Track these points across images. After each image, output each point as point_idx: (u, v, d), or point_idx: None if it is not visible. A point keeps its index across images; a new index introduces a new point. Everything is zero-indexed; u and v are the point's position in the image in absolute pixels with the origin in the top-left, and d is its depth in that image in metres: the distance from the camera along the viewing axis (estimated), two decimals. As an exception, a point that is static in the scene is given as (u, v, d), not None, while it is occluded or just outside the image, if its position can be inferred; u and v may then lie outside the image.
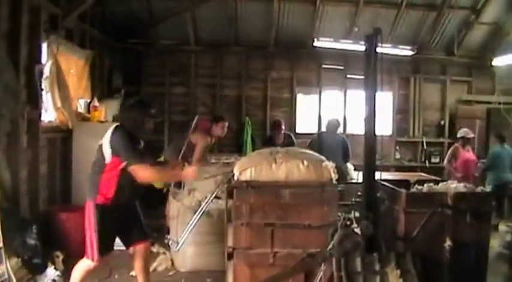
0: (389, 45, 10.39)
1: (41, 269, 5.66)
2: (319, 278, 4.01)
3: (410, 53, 11.13)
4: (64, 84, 7.19)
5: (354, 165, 9.02)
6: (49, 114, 7.19)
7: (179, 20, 10.79)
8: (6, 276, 4.62)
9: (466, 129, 9.04)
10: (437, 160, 11.74)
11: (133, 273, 5.83)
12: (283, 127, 9.14)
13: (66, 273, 5.82)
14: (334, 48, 10.89)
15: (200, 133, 7.50)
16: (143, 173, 4.47)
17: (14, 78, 5.85)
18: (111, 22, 10.14)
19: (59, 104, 7.01)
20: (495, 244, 6.32)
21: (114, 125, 4.68)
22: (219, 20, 10.93)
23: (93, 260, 4.54)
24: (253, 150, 9.59)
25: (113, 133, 4.54)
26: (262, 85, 11.68)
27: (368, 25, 9.99)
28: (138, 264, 4.97)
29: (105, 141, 4.55)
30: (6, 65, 5.71)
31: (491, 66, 11.40)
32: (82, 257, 4.90)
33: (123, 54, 10.94)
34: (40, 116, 6.71)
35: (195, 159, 6.99)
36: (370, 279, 3.93)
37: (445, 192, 4.23)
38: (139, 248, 4.91)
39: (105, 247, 4.60)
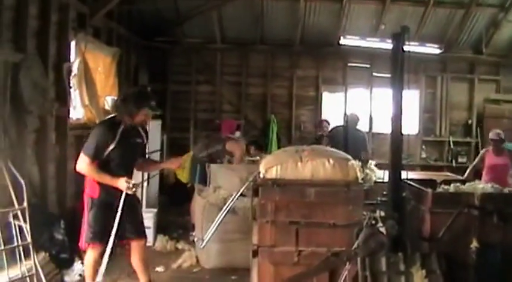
0: (416, 44, 10.32)
1: (68, 264, 5.74)
2: (343, 277, 4.00)
3: (437, 51, 11.05)
4: (91, 82, 7.29)
5: (379, 164, 8.87)
6: (77, 112, 7.28)
7: (205, 18, 10.86)
8: (34, 270, 4.69)
9: (497, 131, 8.12)
10: (464, 160, 11.60)
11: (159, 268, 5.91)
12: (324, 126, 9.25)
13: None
14: (360, 46, 10.87)
15: (236, 142, 7.77)
16: (81, 163, 4.56)
17: (43, 76, 5.93)
18: (138, 20, 10.25)
19: (86, 101, 7.10)
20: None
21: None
22: (245, 18, 10.98)
23: (81, 246, 4.71)
24: (279, 148, 9.57)
25: (96, 126, 4.83)
26: (287, 83, 11.70)
27: (395, 23, 9.94)
28: (135, 262, 4.93)
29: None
30: (36, 62, 5.80)
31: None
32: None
33: (150, 52, 11.05)
34: (68, 113, 6.81)
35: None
36: (395, 279, 3.91)
37: (472, 192, 4.18)
38: (133, 246, 4.89)
39: (95, 235, 4.58)
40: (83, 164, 4.54)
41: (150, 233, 6.52)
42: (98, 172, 4.56)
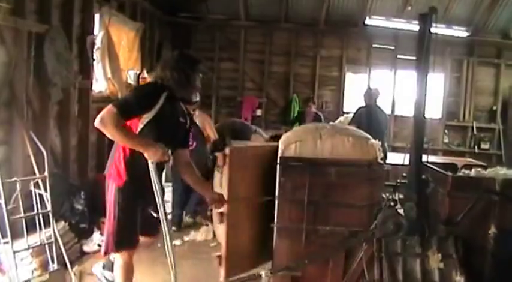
0: (443, 26, 10.16)
1: (87, 234, 5.83)
2: (359, 257, 4.01)
3: (465, 34, 10.87)
4: (114, 55, 7.32)
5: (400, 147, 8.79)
6: (99, 85, 7.31)
7: (230, -5, 10.81)
8: (53, 238, 4.76)
9: None
10: (487, 146, 11.48)
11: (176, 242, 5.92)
12: (312, 105, 9.16)
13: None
14: (386, 27, 10.74)
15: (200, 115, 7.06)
16: (105, 115, 3.38)
17: (67, 48, 5.96)
18: (163, -5, 10.22)
19: (109, 75, 7.14)
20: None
21: None
22: (269, -5, 10.90)
23: (106, 253, 3.92)
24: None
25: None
26: (311, 63, 11.64)
27: (422, 4, 9.78)
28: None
29: None
30: (60, 34, 5.82)
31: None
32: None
33: (173, 27, 11.06)
34: (91, 85, 6.86)
35: None
36: (410, 262, 3.91)
37: (493, 177, 4.13)
38: (148, 241, 4.21)
39: (126, 239, 3.82)
40: (107, 116, 3.38)
41: (168, 206, 6.56)
42: (124, 129, 3.49)
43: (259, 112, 11.40)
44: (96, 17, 7.02)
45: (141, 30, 8.69)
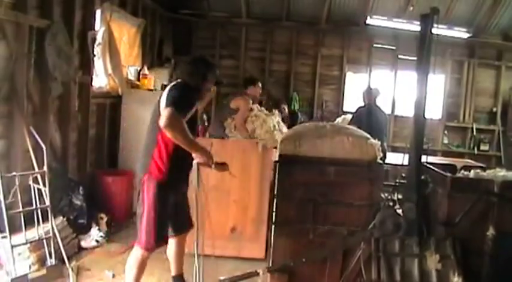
0: (444, 27, 10.15)
1: (86, 229, 5.85)
2: (357, 256, 4.02)
3: (466, 35, 10.85)
4: (115, 51, 7.31)
5: (400, 147, 8.76)
6: (100, 80, 7.31)
7: (231, -7, 10.80)
8: (51, 233, 4.77)
9: None
10: (487, 148, 11.47)
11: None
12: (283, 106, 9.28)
13: (109, 235, 6.01)
14: (387, 27, 10.73)
15: (240, 97, 6.69)
16: (170, 117, 3.65)
17: (68, 43, 5.96)
18: (164, -8, 10.21)
19: (109, 70, 7.13)
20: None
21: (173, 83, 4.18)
22: (271, -7, 10.89)
23: (147, 248, 4.03)
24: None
25: (172, 86, 4.06)
26: (311, 61, 11.61)
27: (423, 4, 9.74)
28: (172, 253, 4.57)
29: (162, 100, 3.91)
30: (61, 29, 5.81)
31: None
32: (124, 219, 4.96)
33: (175, 24, 11.05)
34: (91, 81, 6.86)
35: (238, 124, 6.32)
36: (408, 262, 3.92)
37: (492, 179, 4.14)
38: (182, 236, 4.51)
39: (162, 234, 4.08)
40: (175, 120, 3.65)
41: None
42: (186, 131, 3.75)
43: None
44: (98, 12, 7.00)
45: (142, 27, 8.68)
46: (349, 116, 8.33)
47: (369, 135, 4.43)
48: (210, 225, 4.24)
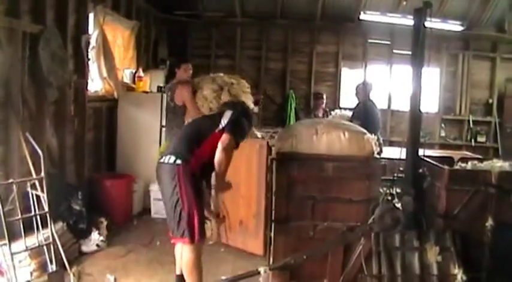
0: (438, 20, 10.17)
1: (86, 234, 5.81)
2: (358, 252, 4.02)
3: (460, 28, 10.87)
4: (110, 54, 7.30)
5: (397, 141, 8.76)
6: (95, 84, 7.30)
7: (225, -8, 10.80)
8: (51, 239, 4.76)
9: None
10: (483, 139, 11.48)
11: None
12: (324, 100, 9.10)
13: (109, 239, 6.01)
14: (381, 22, 10.75)
15: (177, 89, 6.18)
16: (230, 145, 4.04)
17: (62, 47, 5.94)
18: (158, -7, 10.20)
19: (104, 74, 7.12)
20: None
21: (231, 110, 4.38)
22: (265, -8, 10.88)
23: (197, 240, 4.04)
24: (297, 123, 9.59)
25: (238, 112, 4.35)
26: (307, 59, 11.60)
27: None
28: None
29: (225, 117, 4.24)
30: (54, 34, 5.79)
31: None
32: (124, 223, 4.95)
33: (169, 25, 11.03)
34: (87, 85, 6.85)
35: (191, 116, 5.82)
36: (408, 256, 3.93)
37: (490, 170, 4.15)
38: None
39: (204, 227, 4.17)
40: (230, 145, 4.06)
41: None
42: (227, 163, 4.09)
43: (256, 109, 11.37)
44: (91, 16, 6.99)
45: (137, 29, 8.66)
46: (344, 112, 8.30)
47: (365, 130, 4.45)
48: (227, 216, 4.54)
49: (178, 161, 4.03)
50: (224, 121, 4.21)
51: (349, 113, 7.82)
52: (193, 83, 6.25)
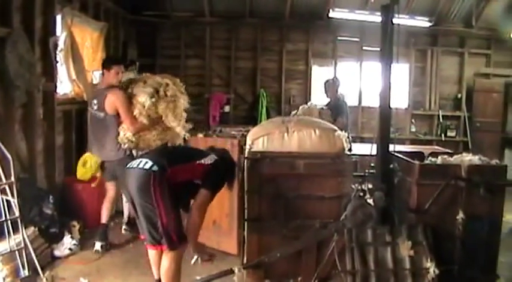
0: (406, 16, 10.28)
1: (58, 238, 5.75)
2: (331, 248, 4.05)
3: (427, 24, 11.01)
4: (79, 57, 7.22)
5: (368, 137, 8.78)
6: (64, 86, 7.22)
7: (194, -8, 10.77)
8: (22, 244, 4.69)
9: None
10: (453, 134, 11.66)
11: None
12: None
13: (82, 242, 5.94)
14: (350, 20, 10.84)
15: (109, 94, 5.67)
16: (208, 200, 4.07)
17: (29, 50, 5.86)
18: (126, -6, 10.13)
19: (73, 76, 7.04)
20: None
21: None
22: (233, -9, 10.88)
23: (178, 245, 4.02)
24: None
25: (219, 163, 4.21)
26: (277, 57, 11.63)
27: (385, -4, 9.85)
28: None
29: (209, 159, 4.17)
30: (21, 37, 5.72)
31: (511, 39, 11.17)
32: (97, 226, 4.94)
33: (138, 26, 10.96)
34: (55, 88, 6.76)
35: (128, 123, 5.58)
36: (381, 251, 3.96)
37: (459, 164, 4.20)
38: None
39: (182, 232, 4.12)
40: (209, 200, 4.13)
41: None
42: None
43: (227, 108, 11.37)
44: (58, 18, 6.90)
45: (105, 30, 8.57)
46: (313, 105, 8.09)
47: (335, 127, 4.47)
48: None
49: (155, 168, 3.89)
50: (207, 162, 4.14)
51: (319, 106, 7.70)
52: (123, 88, 5.80)
